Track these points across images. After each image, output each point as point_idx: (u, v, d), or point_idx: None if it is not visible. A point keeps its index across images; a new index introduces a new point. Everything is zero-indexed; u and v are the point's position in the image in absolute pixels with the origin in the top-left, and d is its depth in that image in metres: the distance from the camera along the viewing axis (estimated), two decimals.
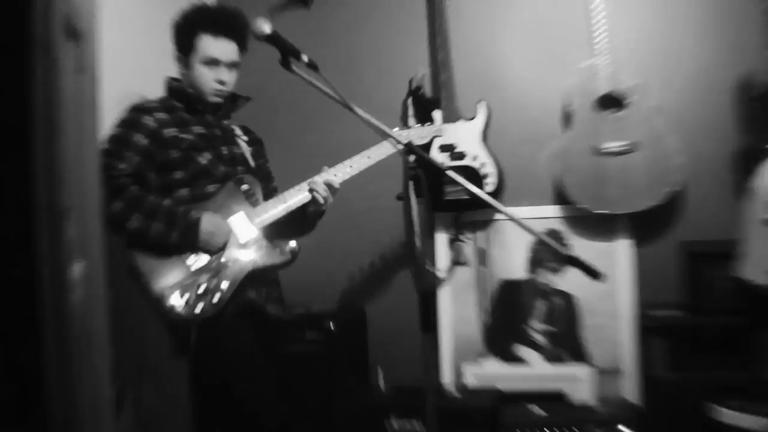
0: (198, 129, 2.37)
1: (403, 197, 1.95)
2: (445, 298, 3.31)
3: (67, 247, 1.07)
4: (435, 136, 2.60)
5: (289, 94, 3.47)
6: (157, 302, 2.14)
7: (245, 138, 2.55)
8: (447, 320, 3.29)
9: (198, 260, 2.21)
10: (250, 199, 2.37)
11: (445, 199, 3.13)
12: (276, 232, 2.38)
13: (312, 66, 1.98)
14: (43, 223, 1.05)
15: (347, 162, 2.45)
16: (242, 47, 2.45)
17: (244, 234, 2.29)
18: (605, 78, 3.03)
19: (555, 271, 3.18)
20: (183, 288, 2.15)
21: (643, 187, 3.00)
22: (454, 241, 3.29)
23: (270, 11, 2.10)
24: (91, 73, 1.30)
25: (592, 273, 1.74)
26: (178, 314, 2.13)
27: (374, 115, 1.97)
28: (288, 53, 2.01)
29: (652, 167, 3.00)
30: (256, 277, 2.30)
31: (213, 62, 2.37)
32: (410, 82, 3.25)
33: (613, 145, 3.02)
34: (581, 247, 3.17)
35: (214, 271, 2.21)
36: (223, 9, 2.46)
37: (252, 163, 2.51)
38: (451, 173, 1.94)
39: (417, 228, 3.39)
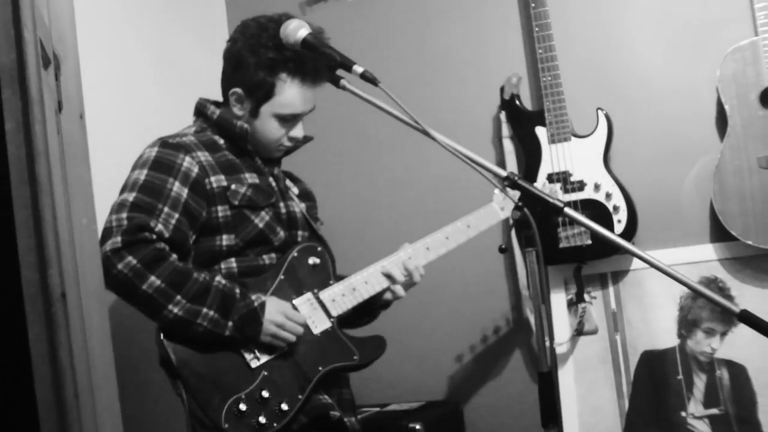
0: (251, 177, 2.39)
1: (506, 249, 1.90)
2: (567, 382, 3.30)
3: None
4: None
5: (336, 118, 3.50)
6: (203, 410, 2.15)
7: (295, 190, 2.58)
8: (572, 410, 3.27)
9: (256, 357, 2.25)
10: (319, 277, 2.41)
11: (560, 247, 3.14)
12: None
13: (369, 79, 1.98)
14: (32, 315, 1.06)
15: (439, 234, 2.54)
16: None
17: (316, 325, 2.35)
18: None
19: (717, 333, 3.19)
20: (237, 393, 2.18)
21: None
22: (575, 303, 3.28)
23: (303, 4, 2.08)
24: (77, 110, 1.32)
25: None
26: (233, 427, 2.14)
27: (457, 140, 1.97)
28: (335, 64, 2.02)
29: None
30: (329, 377, 2.35)
31: (293, 118, 2.39)
32: (501, 91, 3.25)
33: None
34: (751, 297, 3.14)
35: (279, 371, 2.24)
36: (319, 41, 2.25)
37: (314, 225, 2.54)
38: (569, 211, 1.92)
39: (526, 289, 3.50)
